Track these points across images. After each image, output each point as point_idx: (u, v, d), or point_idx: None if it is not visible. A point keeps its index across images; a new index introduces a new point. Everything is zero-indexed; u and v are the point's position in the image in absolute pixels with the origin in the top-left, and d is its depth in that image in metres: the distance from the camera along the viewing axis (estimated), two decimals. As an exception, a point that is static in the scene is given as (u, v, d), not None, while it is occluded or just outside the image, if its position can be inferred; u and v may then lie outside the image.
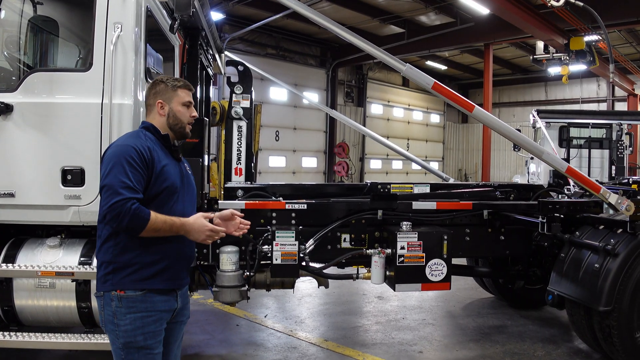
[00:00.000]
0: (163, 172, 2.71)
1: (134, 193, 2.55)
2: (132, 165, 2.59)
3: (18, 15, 4.39)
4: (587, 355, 5.22)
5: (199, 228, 2.67)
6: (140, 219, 2.53)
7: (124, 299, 2.62)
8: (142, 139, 2.75)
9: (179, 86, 2.90)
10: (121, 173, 2.56)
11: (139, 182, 2.60)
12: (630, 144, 13.97)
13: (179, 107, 2.88)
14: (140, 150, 2.65)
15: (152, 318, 2.66)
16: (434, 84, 4.41)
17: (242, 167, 5.85)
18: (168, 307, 2.75)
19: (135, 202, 2.53)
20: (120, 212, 2.50)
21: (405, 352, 5.29)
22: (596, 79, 26.97)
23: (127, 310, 2.62)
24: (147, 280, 2.66)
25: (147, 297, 2.65)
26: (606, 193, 4.70)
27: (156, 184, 2.68)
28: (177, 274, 2.79)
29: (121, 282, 2.63)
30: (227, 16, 18.45)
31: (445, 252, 4.74)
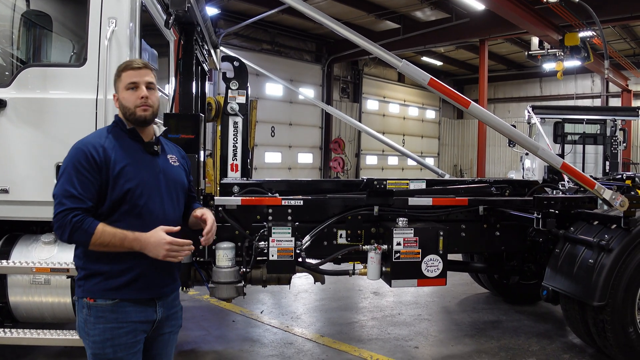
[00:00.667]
0: (123, 173, 2.45)
1: (78, 203, 2.35)
2: (80, 172, 2.39)
3: (11, 9, 4.36)
4: (581, 350, 5.25)
5: (156, 242, 2.39)
6: (82, 232, 2.33)
7: (93, 308, 2.44)
8: (101, 138, 2.51)
9: (122, 69, 2.59)
10: (67, 181, 2.38)
11: (86, 189, 2.38)
12: (624, 140, 14.03)
13: (123, 93, 2.56)
14: (91, 152, 2.42)
15: (124, 329, 2.45)
16: (430, 80, 4.40)
17: (238, 163, 5.84)
18: (143, 318, 2.51)
19: (78, 213, 2.34)
20: (61, 224, 2.34)
21: (401, 348, 5.31)
22: (590, 75, 27.06)
23: (95, 320, 2.44)
24: (118, 289, 2.45)
25: (118, 307, 2.45)
26: (600, 189, 4.72)
27: (116, 187, 2.43)
28: (153, 282, 2.53)
29: (91, 290, 2.45)
30: (222, 11, 18.40)
31: (441, 248, 4.75)
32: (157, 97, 2.62)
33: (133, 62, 2.62)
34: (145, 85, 2.56)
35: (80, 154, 2.42)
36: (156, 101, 2.61)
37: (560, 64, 18.13)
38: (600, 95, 27.41)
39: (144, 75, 2.57)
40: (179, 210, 2.69)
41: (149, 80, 2.58)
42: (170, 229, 2.45)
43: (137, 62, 2.61)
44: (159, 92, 5.10)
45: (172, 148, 2.81)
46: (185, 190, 2.77)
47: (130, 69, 2.57)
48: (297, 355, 5.07)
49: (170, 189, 2.62)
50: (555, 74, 19.28)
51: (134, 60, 2.64)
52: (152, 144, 2.62)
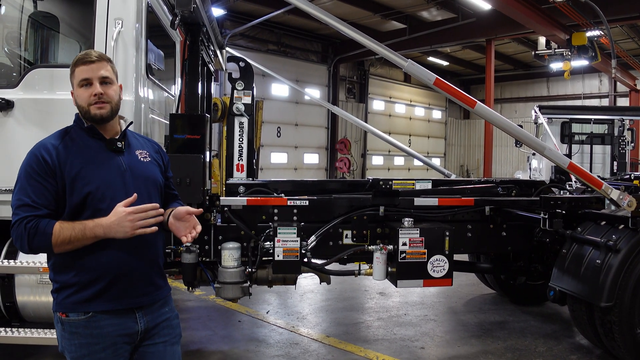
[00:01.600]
0: (80, 176, 2.26)
1: (31, 211, 2.19)
2: (33, 178, 2.23)
3: (18, 11, 4.38)
4: (589, 351, 5.22)
5: (118, 220, 2.18)
6: (40, 236, 2.17)
7: (66, 324, 2.29)
8: (57, 139, 2.34)
9: (74, 64, 2.36)
10: (21, 190, 2.24)
11: (41, 195, 2.22)
12: (632, 140, 13.94)
13: (77, 90, 2.36)
14: (43, 156, 2.25)
15: (100, 345, 2.27)
16: (435, 80, 4.39)
17: (244, 164, 5.85)
18: (122, 331, 2.31)
19: (31, 219, 2.18)
20: (18, 234, 2.19)
21: (407, 348, 5.30)
22: (598, 75, 26.92)
23: (70, 336, 2.29)
24: (90, 301, 2.26)
25: (92, 322, 2.27)
26: (608, 189, 4.69)
27: (74, 191, 2.25)
28: (128, 291, 2.32)
29: (63, 304, 2.29)
30: (228, 12, 18.43)
31: (447, 248, 4.74)
32: (115, 90, 2.40)
33: (86, 55, 2.36)
34: (99, 80, 2.33)
35: (32, 159, 2.27)
36: (115, 95, 2.39)
37: (567, 64, 18.05)
38: (608, 95, 27.26)
39: (98, 69, 2.34)
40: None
41: (103, 75, 2.34)
42: (127, 202, 2.22)
43: (90, 56, 2.35)
44: (166, 93, 5.12)
45: (142, 143, 2.57)
46: (158, 187, 2.52)
47: (82, 64, 2.34)
48: (302, 355, 5.07)
49: (140, 188, 2.36)
50: (562, 74, 19.18)
51: (88, 53, 2.37)
52: (114, 140, 2.39)
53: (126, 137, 2.46)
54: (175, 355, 2.52)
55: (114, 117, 2.42)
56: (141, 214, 2.21)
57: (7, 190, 3.92)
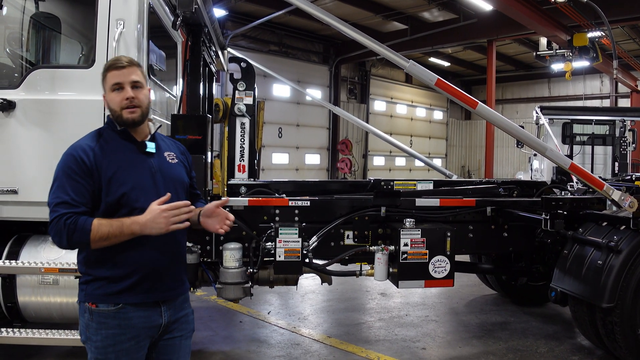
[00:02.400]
0: (116, 177, 2.38)
1: (70, 208, 2.29)
2: (71, 177, 2.33)
3: (20, 11, 4.39)
4: (590, 352, 5.22)
5: (152, 217, 2.30)
6: (80, 232, 2.27)
7: (95, 313, 2.38)
8: (92, 141, 2.44)
9: (106, 69, 2.48)
10: (59, 188, 2.34)
11: (79, 194, 2.33)
12: (634, 141, 13.93)
13: (109, 94, 2.47)
14: (81, 157, 2.36)
15: (127, 335, 2.39)
16: (437, 81, 4.39)
17: (245, 164, 5.85)
18: (148, 324, 2.44)
19: (70, 215, 2.28)
20: (57, 230, 2.28)
21: (408, 349, 5.30)
22: (599, 76, 26.92)
23: (97, 326, 2.38)
24: (120, 294, 2.38)
25: (121, 313, 2.38)
26: (609, 189, 4.69)
27: (110, 192, 2.36)
28: (156, 285, 2.45)
29: (93, 295, 2.39)
30: (229, 13, 18.45)
31: (449, 249, 4.74)
32: (145, 94, 2.50)
33: (117, 60, 2.48)
34: (130, 85, 2.44)
35: (70, 160, 2.37)
36: (145, 99, 2.49)
37: (568, 65, 18.03)
38: (609, 95, 27.26)
39: (129, 74, 2.45)
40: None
41: (134, 80, 2.45)
42: (161, 200, 2.34)
43: (122, 61, 2.47)
44: (167, 93, 5.13)
45: (169, 145, 2.70)
46: (185, 188, 2.66)
47: (114, 69, 2.45)
48: (304, 356, 5.07)
49: (170, 188, 2.48)
50: (563, 75, 19.17)
51: (119, 59, 2.50)
52: (144, 143, 2.52)
53: (155, 140, 2.58)
54: (188, 349, 2.66)
55: (145, 121, 2.53)
56: (174, 211, 2.33)
57: (9, 191, 3.93)
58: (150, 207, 2.32)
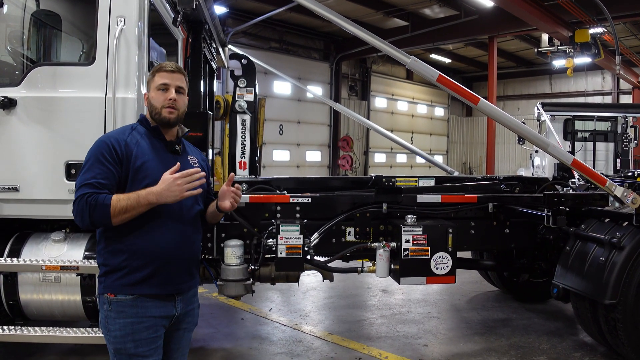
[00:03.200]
0: (142, 169, 2.54)
1: (92, 189, 2.42)
2: (101, 162, 2.48)
3: (21, 9, 4.39)
4: (592, 349, 5.21)
5: (166, 186, 2.44)
6: (100, 208, 2.39)
7: (114, 303, 2.51)
8: (124, 134, 2.61)
9: (156, 70, 2.70)
10: (88, 170, 2.48)
11: (105, 177, 2.47)
12: (636, 137, 13.87)
13: (153, 92, 2.67)
14: (113, 145, 2.52)
15: (144, 324, 2.52)
16: (438, 77, 4.38)
17: (247, 161, 5.85)
18: (164, 314, 2.59)
19: (91, 194, 2.41)
20: (79, 209, 2.42)
21: (410, 346, 5.30)
22: (601, 72, 26.86)
23: (116, 315, 2.51)
24: (137, 285, 2.51)
25: (138, 302, 2.51)
26: (612, 186, 4.68)
27: (135, 181, 2.52)
28: (170, 278, 2.60)
29: (112, 286, 2.52)
30: (230, 10, 18.42)
31: (450, 246, 4.73)
32: (184, 102, 2.73)
33: (167, 64, 2.70)
34: (175, 88, 2.66)
35: (103, 146, 2.51)
36: (183, 105, 2.71)
37: (570, 61, 17.98)
38: (611, 92, 27.20)
39: (177, 79, 2.67)
40: (197, 208, 2.76)
41: (179, 85, 2.68)
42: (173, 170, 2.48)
43: (171, 66, 2.69)
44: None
45: (194, 150, 2.91)
46: (204, 192, 2.79)
47: (164, 71, 2.66)
48: (305, 353, 5.07)
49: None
50: (565, 71, 19.11)
51: (169, 64, 2.72)
52: (173, 143, 2.71)
53: (182, 143, 2.79)
54: (189, 341, 2.85)
55: (177, 124, 2.74)
56: (187, 178, 2.48)
57: (11, 189, 3.93)
58: (164, 177, 2.45)
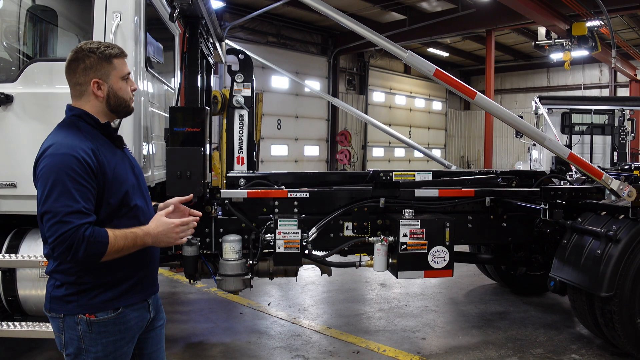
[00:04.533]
0: (117, 176, 2.25)
1: (84, 217, 2.08)
2: (76, 181, 2.10)
3: (17, 5, 4.37)
4: (589, 341, 5.24)
5: (166, 230, 2.23)
6: (98, 244, 2.08)
7: (94, 324, 2.22)
8: (82, 140, 2.20)
9: (114, 55, 2.31)
10: (65, 194, 2.07)
11: (87, 200, 2.12)
12: (633, 130, 13.91)
13: (118, 83, 2.33)
14: (84, 158, 2.14)
15: (125, 340, 2.31)
16: (435, 71, 4.38)
17: (244, 156, 5.85)
18: (141, 322, 2.39)
19: (87, 226, 2.07)
20: (72, 243, 2.04)
21: (408, 339, 5.32)
22: (598, 65, 26.87)
23: (98, 336, 2.23)
24: (122, 297, 2.28)
25: (120, 318, 2.28)
26: (608, 179, 4.69)
27: (113, 192, 2.23)
28: (150, 281, 2.44)
29: (90, 305, 2.22)
30: (227, 4, 18.36)
31: (448, 239, 4.75)
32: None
33: (119, 49, 2.36)
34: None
35: (71, 161, 2.12)
36: None
37: (567, 54, 18.00)
38: (608, 85, 27.21)
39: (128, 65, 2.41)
40: (150, 202, 2.51)
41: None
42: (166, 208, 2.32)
43: (122, 50, 2.38)
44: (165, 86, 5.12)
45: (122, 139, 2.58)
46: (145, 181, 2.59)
47: (122, 57, 2.35)
48: (304, 346, 5.09)
49: (140, 182, 2.46)
50: (562, 64, 19.14)
51: (119, 47, 2.37)
52: (121, 138, 2.44)
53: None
54: (164, 336, 2.63)
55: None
56: (187, 226, 2.29)
57: (8, 185, 3.93)
58: (161, 220, 2.25)
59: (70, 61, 2.29)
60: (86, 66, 2.27)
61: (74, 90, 2.33)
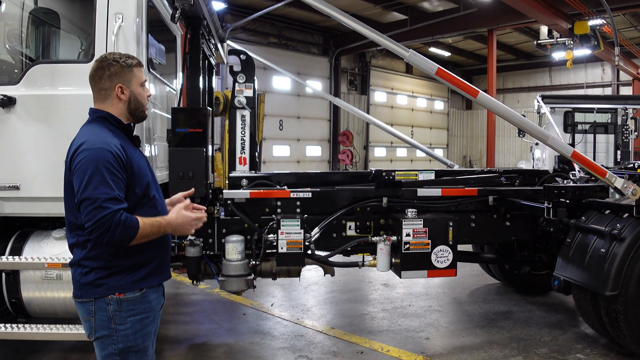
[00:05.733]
0: (140, 170, 2.56)
1: (119, 204, 2.36)
2: (112, 172, 2.39)
3: (19, 7, 4.38)
4: (594, 340, 5.22)
5: (185, 222, 2.56)
6: (131, 229, 2.36)
7: (124, 302, 2.48)
8: (113, 137, 2.51)
9: (134, 65, 2.65)
10: (102, 183, 2.35)
11: (120, 189, 2.41)
12: (636, 129, 13.86)
13: (138, 89, 2.66)
14: (117, 152, 2.44)
15: (149, 318, 2.58)
16: (438, 70, 4.38)
17: (247, 157, 5.85)
18: (160, 304, 2.68)
19: (122, 212, 2.35)
20: (109, 226, 2.31)
21: (412, 339, 5.31)
22: (601, 64, 26.81)
23: (127, 314, 2.49)
24: (145, 278, 2.54)
25: (145, 297, 2.54)
26: (612, 177, 4.68)
27: (139, 183, 2.53)
28: (166, 266, 2.71)
29: (119, 285, 2.48)
30: (228, 5, 18.33)
31: (451, 239, 4.74)
32: None
33: (139, 59, 2.70)
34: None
35: (107, 155, 2.40)
36: None
37: (569, 53, 17.96)
38: (611, 83, 27.16)
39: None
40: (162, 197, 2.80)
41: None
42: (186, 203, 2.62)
43: (141, 61, 2.71)
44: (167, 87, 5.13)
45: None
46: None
47: (140, 67, 2.67)
48: (308, 347, 5.08)
49: (154, 177, 2.76)
50: (564, 63, 19.09)
51: (137, 58, 2.71)
52: (138, 138, 2.74)
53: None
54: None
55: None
56: (198, 220, 2.62)
57: (11, 187, 3.93)
58: (181, 212, 2.56)
59: (96, 70, 2.61)
60: (111, 73, 2.58)
61: (98, 94, 2.63)
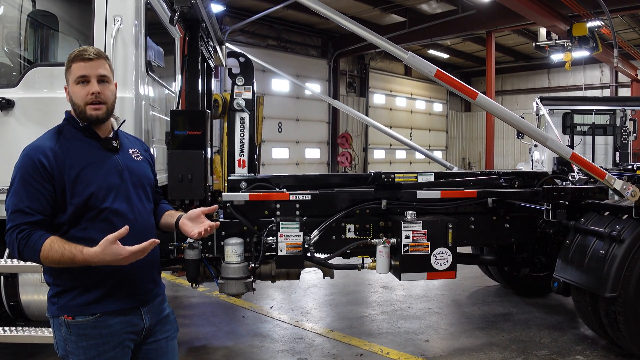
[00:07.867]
0: (81, 178, 2.21)
1: (25, 217, 2.12)
2: (28, 182, 2.15)
3: (17, 10, 4.38)
4: (593, 342, 5.22)
5: (113, 260, 2.11)
6: (30, 249, 2.11)
7: (73, 326, 2.22)
8: (51, 140, 2.25)
9: (71, 59, 2.27)
10: (15, 194, 2.16)
11: (36, 201, 2.14)
12: (634, 130, 13.90)
13: (72, 87, 2.28)
14: (39, 160, 2.17)
15: (110, 344, 2.25)
16: (436, 72, 4.37)
17: (246, 159, 5.85)
18: (130, 329, 2.31)
19: (24, 228, 2.11)
20: (9, 241, 2.14)
21: (412, 341, 5.30)
22: (599, 65, 26.87)
23: (77, 339, 2.22)
24: (97, 302, 2.23)
25: (100, 322, 2.23)
26: (611, 179, 4.68)
27: (76, 194, 2.19)
28: (135, 289, 2.33)
29: (68, 307, 2.23)
30: (227, 8, 18.38)
31: (450, 241, 4.73)
32: (112, 90, 2.34)
33: (84, 51, 2.27)
34: (97, 79, 2.27)
35: (27, 163, 2.18)
36: (111, 95, 2.33)
37: (568, 55, 18.02)
38: (610, 85, 27.22)
39: (97, 67, 2.26)
40: (149, 207, 2.47)
41: (101, 74, 2.28)
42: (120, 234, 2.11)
43: (89, 52, 2.27)
44: (166, 89, 5.11)
45: (133, 141, 2.56)
46: (152, 186, 2.54)
47: (81, 60, 2.25)
48: (307, 350, 5.07)
49: (137, 186, 2.39)
50: (563, 65, 19.17)
51: (86, 49, 2.29)
52: (109, 140, 2.35)
53: (118, 137, 2.42)
54: (175, 349, 2.54)
55: (109, 118, 2.38)
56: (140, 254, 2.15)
57: (9, 190, 3.92)
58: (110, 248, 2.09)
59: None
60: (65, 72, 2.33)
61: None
